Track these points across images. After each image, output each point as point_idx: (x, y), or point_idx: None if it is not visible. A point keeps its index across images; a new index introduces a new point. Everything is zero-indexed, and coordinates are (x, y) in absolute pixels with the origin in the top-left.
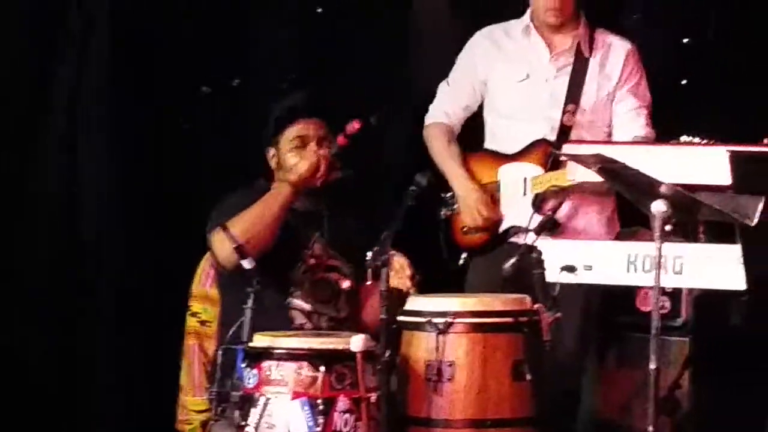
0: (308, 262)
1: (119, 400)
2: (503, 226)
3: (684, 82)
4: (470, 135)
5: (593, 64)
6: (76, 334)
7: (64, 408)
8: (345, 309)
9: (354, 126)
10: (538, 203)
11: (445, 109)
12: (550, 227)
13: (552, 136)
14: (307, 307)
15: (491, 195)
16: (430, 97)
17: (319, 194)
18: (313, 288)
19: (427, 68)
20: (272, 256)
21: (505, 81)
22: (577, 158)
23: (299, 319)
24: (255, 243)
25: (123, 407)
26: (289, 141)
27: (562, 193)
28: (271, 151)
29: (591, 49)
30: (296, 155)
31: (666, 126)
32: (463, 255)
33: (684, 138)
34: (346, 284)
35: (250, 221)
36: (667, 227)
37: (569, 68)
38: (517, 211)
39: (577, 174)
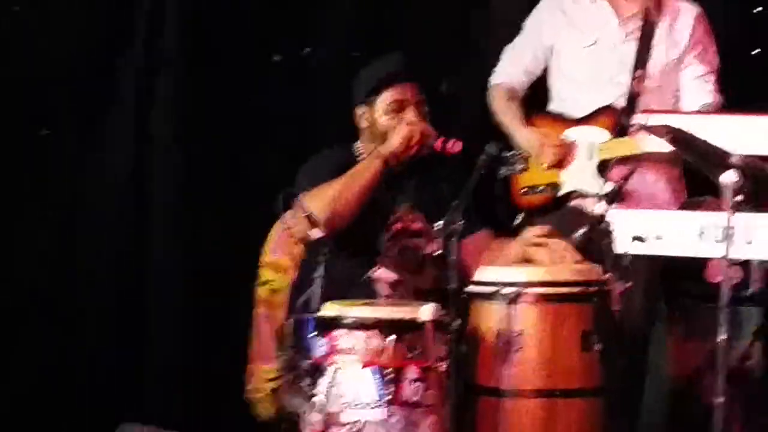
0: (393, 229)
1: (189, 365)
2: (565, 189)
3: (755, 52)
4: (534, 98)
5: (661, 28)
6: (147, 301)
7: (131, 377)
8: (431, 277)
9: (455, 147)
10: (605, 170)
11: (508, 71)
12: (617, 196)
13: (620, 102)
14: (392, 277)
15: (559, 141)
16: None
17: None
18: (398, 257)
19: (504, 36)
20: (354, 223)
21: (573, 46)
22: (648, 128)
23: (384, 290)
24: (339, 218)
25: (193, 374)
26: (386, 104)
27: (632, 161)
28: (362, 110)
29: (659, 13)
30: (392, 119)
31: (736, 96)
32: (520, 215)
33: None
34: (432, 247)
35: (338, 192)
36: (738, 197)
37: (637, 33)
38: (579, 175)
39: (647, 143)
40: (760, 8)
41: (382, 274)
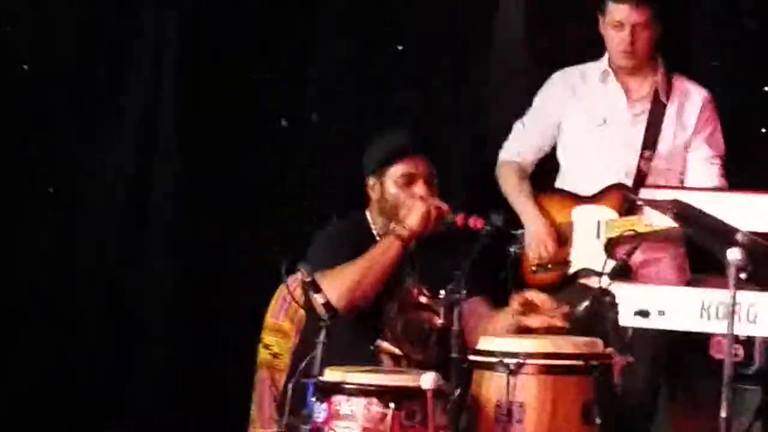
0: (399, 302)
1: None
2: (573, 268)
3: (764, 130)
4: (542, 174)
5: (670, 111)
6: (144, 361)
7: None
8: (434, 352)
9: (477, 223)
10: (611, 247)
11: (518, 148)
12: (623, 272)
13: (628, 182)
14: (395, 351)
15: (561, 233)
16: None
17: None
18: (403, 330)
19: (505, 110)
20: None
21: (581, 125)
22: (654, 204)
23: (386, 362)
24: (358, 304)
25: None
26: (396, 177)
27: (637, 238)
28: (372, 181)
29: (668, 95)
30: (402, 193)
31: (744, 175)
32: None
33: None
34: (438, 321)
35: (359, 275)
36: (742, 275)
37: (646, 114)
38: (588, 254)
39: (653, 220)
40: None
41: (386, 347)
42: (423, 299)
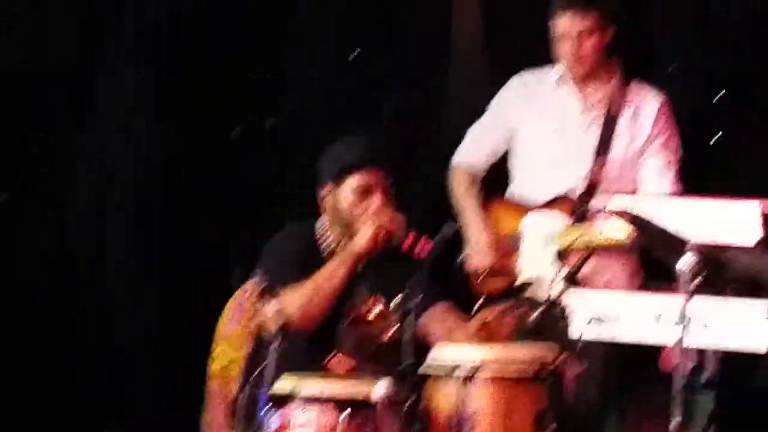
0: (350, 317)
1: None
2: (522, 277)
3: (719, 135)
4: (498, 180)
5: (625, 117)
6: (97, 368)
7: None
8: (389, 361)
9: (422, 252)
10: (561, 256)
11: (470, 152)
12: (573, 281)
13: (579, 189)
14: (349, 365)
15: (507, 244)
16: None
17: None
18: (355, 345)
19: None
20: None
21: (535, 131)
22: (605, 212)
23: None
24: (310, 321)
25: None
26: (351, 189)
27: (588, 247)
28: (326, 190)
29: (623, 102)
30: (357, 205)
31: (700, 181)
32: (479, 302)
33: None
34: (389, 334)
35: (308, 297)
36: (695, 283)
37: (600, 121)
38: (537, 262)
39: (605, 229)
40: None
41: (339, 362)
42: (376, 311)
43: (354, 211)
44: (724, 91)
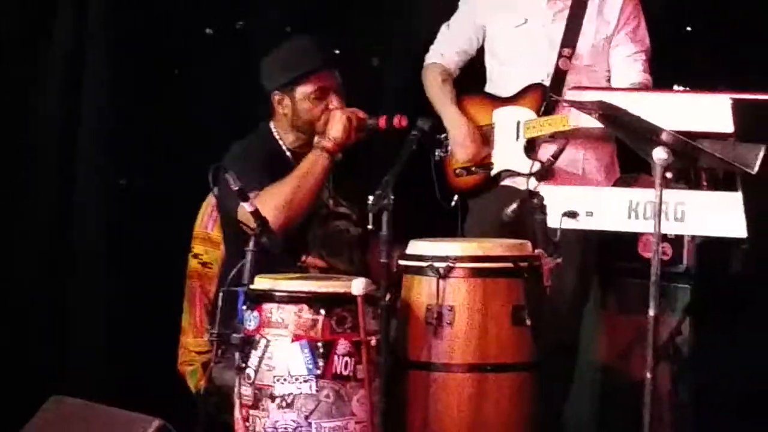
0: (317, 214)
1: (120, 340)
2: (495, 169)
3: (688, 29)
4: (474, 79)
5: (591, 7)
6: (76, 274)
7: (60, 351)
8: (357, 258)
9: (402, 122)
10: (530, 148)
11: (442, 51)
12: (547, 173)
13: (548, 81)
14: (321, 263)
15: (483, 135)
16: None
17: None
18: (325, 242)
19: (431, 12)
20: None
21: (504, 26)
22: (578, 104)
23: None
24: (293, 220)
25: (124, 348)
26: (307, 93)
27: (560, 138)
28: (279, 96)
29: None
30: (315, 108)
31: (668, 74)
32: (455, 197)
33: (677, 88)
34: (354, 231)
35: (289, 195)
36: (668, 174)
37: (566, 12)
38: (509, 155)
39: (578, 120)
40: None
41: (312, 261)
42: (340, 209)
43: (314, 112)
44: None
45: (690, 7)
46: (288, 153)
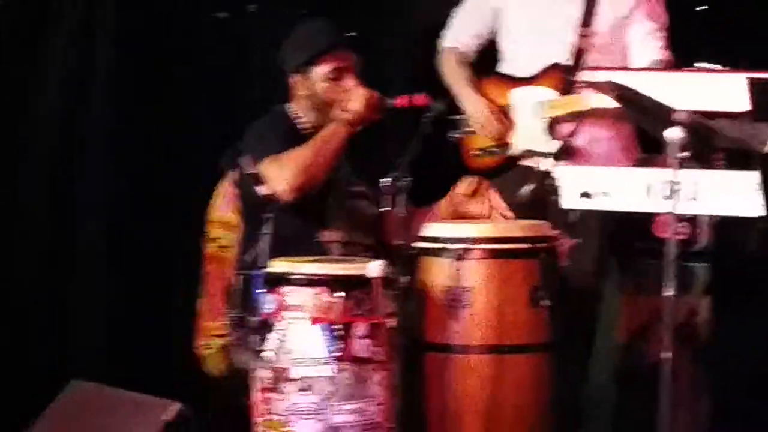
0: (337, 191)
1: (138, 324)
2: (514, 149)
3: (704, 7)
4: (488, 61)
5: None
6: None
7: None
8: (375, 234)
9: (420, 100)
10: (551, 128)
11: (456, 35)
12: (566, 153)
13: (567, 60)
14: (340, 237)
15: (505, 113)
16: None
17: None
18: (342, 218)
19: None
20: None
21: (519, 6)
22: (591, 85)
23: (335, 252)
24: (311, 183)
25: (143, 330)
26: (324, 74)
27: (578, 118)
28: (296, 77)
29: None
30: (332, 88)
31: (684, 52)
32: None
33: (699, 64)
34: (371, 209)
35: (308, 162)
36: (684, 154)
37: None
38: (528, 135)
39: (593, 100)
40: None
41: (332, 235)
42: (357, 187)
43: (332, 92)
44: None
45: None
46: (307, 133)
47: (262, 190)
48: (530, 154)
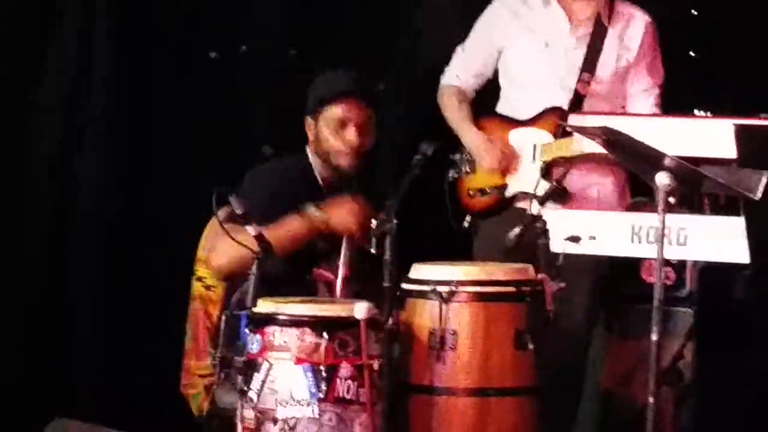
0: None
1: (124, 362)
2: (509, 191)
3: (692, 54)
4: (485, 100)
5: (612, 34)
6: (76, 297)
7: (64, 372)
8: (371, 275)
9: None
10: (547, 171)
11: (458, 73)
12: (559, 197)
13: (566, 105)
14: (330, 275)
15: (504, 143)
16: (436, 66)
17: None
18: (333, 256)
19: (433, 37)
20: None
21: (523, 49)
22: (580, 129)
23: (322, 290)
24: (240, 275)
25: (128, 370)
26: (329, 120)
27: (568, 162)
28: (309, 120)
29: (610, 19)
30: (333, 136)
31: (674, 99)
32: (468, 218)
33: (697, 112)
34: (372, 249)
35: (283, 238)
36: (671, 199)
37: (588, 38)
38: (524, 177)
39: (583, 144)
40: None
41: (321, 274)
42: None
43: (330, 142)
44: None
45: (694, 33)
46: (318, 178)
47: (250, 230)
48: (524, 196)
